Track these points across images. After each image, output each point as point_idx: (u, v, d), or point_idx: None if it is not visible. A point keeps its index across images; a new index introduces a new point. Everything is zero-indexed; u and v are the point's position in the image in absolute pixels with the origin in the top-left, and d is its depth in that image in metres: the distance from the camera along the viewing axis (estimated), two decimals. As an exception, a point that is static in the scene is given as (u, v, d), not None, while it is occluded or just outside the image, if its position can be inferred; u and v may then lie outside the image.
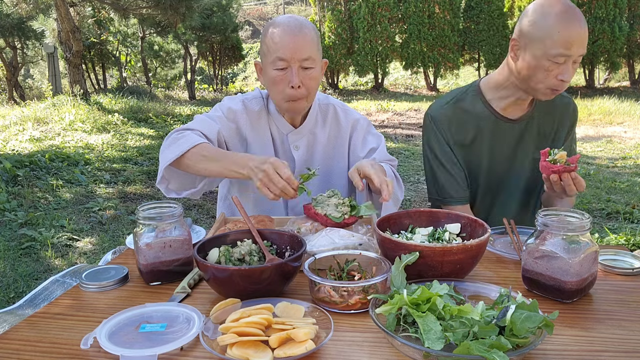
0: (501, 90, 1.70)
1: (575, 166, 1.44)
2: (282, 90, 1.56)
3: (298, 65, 1.53)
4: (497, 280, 1.26)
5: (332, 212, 1.41)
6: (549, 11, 1.50)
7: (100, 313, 1.12)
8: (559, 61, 1.50)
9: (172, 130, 1.70)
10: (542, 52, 1.50)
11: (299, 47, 1.52)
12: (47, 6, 11.86)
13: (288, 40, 1.52)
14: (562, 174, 1.44)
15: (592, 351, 0.95)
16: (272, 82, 1.57)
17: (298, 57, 1.52)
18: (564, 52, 1.48)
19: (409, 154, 7.31)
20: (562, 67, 1.52)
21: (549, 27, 1.49)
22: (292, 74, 1.53)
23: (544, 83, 1.55)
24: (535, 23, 1.52)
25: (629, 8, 14.21)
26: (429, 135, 1.79)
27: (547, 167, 1.45)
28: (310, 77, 1.57)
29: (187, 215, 4.60)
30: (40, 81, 18.38)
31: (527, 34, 1.54)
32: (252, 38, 25.56)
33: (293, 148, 1.74)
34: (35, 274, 3.43)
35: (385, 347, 0.97)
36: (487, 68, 15.64)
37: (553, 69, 1.52)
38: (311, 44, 1.56)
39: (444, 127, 1.75)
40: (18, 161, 5.93)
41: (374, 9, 14.80)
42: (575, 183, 1.45)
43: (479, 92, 1.75)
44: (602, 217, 4.53)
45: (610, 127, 9.52)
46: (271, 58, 1.54)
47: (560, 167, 1.43)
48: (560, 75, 1.52)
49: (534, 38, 1.52)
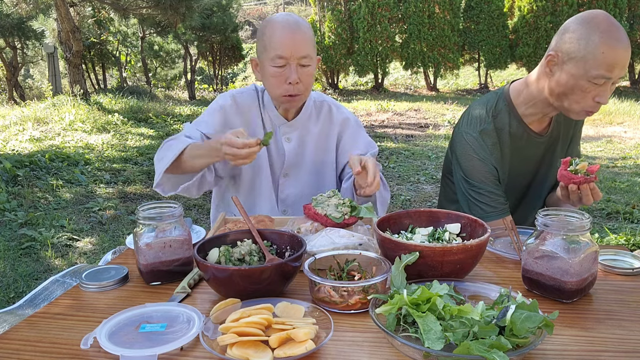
0: (532, 106, 1.65)
1: (595, 177, 1.41)
2: (280, 87, 1.62)
3: (296, 63, 1.59)
4: (497, 280, 1.27)
5: (333, 212, 1.42)
6: (594, 29, 1.42)
7: (100, 313, 1.12)
8: (598, 82, 1.44)
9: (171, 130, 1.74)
10: (583, 71, 1.44)
11: (297, 46, 1.57)
12: (47, 6, 11.86)
13: (287, 38, 1.57)
14: (581, 185, 1.41)
15: (592, 351, 0.95)
16: (270, 78, 1.62)
17: (297, 55, 1.58)
18: (606, 74, 1.42)
19: (409, 154, 7.30)
20: (601, 89, 1.45)
21: (593, 47, 1.41)
22: (290, 71, 1.58)
23: (580, 104, 1.50)
24: (577, 40, 1.44)
25: (629, 8, 14.20)
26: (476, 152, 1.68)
27: (568, 177, 1.41)
28: (307, 74, 1.63)
29: (187, 215, 4.60)
30: (40, 81, 18.37)
31: (567, 51, 1.47)
32: (252, 38, 25.55)
33: (284, 140, 1.78)
34: (35, 274, 3.43)
35: (385, 347, 0.97)
36: (487, 68, 15.63)
37: (591, 90, 1.46)
38: (308, 42, 1.61)
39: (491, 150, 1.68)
40: (18, 161, 5.93)
41: (374, 9, 14.79)
42: (592, 194, 1.43)
43: (511, 107, 1.69)
44: (602, 217, 4.53)
45: (610, 127, 9.52)
46: (270, 55, 1.59)
47: (582, 178, 1.40)
48: (597, 97, 1.47)
49: (575, 56, 1.45)
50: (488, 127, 1.68)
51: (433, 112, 11.48)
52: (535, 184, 1.81)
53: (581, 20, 1.46)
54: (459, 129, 1.74)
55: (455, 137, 1.77)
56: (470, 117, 1.73)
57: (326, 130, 1.84)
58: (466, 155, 1.70)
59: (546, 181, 1.81)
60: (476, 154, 1.68)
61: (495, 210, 1.67)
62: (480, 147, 1.67)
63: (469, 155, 1.69)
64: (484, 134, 1.68)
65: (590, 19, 1.44)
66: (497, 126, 1.68)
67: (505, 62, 15.27)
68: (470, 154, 1.69)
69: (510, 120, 1.69)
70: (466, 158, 1.70)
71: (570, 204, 1.57)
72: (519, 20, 14.62)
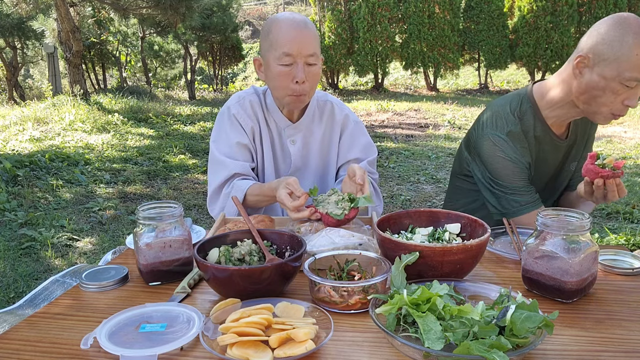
0: (557, 109, 1.63)
1: (622, 172, 1.39)
2: (286, 86, 1.60)
3: (303, 62, 1.57)
4: (497, 280, 1.27)
5: (334, 209, 1.42)
6: (627, 31, 1.40)
7: (100, 313, 1.12)
8: (630, 85, 1.42)
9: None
10: (616, 73, 1.42)
11: (305, 43, 1.55)
12: (47, 6, 11.86)
13: (294, 36, 1.55)
14: (608, 180, 1.39)
15: (592, 351, 0.95)
16: (276, 77, 1.59)
17: (304, 52, 1.56)
18: (639, 76, 1.41)
19: (409, 154, 7.30)
20: (631, 92, 1.44)
21: (627, 48, 1.40)
22: (297, 70, 1.56)
23: (609, 107, 1.48)
24: (610, 42, 1.42)
25: (629, 8, 14.20)
26: (506, 152, 1.65)
27: (595, 171, 1.39)
28: (313, 73, 1.61)
29: (187, 215, 4.60)
30: (40, 81, 18.37)
31: (599, 52, 1.45)
32: (252, 38, 25.55)
33: (289, 142, 1.78)
34: (35, 274, 3.43)
35: (385, 347, 0.97)
36: (487, 68, 15.64)
37: (622, 93, 1.45)
38: (315, 40, 1.59)
39: (517, 143, 1.66)
40: (18, 161, 5.93)
41: (374, 9, 14.79)
42: (618, 189, 1.41)
43: (536, 109, 1.66)
44: (602, 217, 4.52)
45: (610, 127, 9.52)
46: (277, 53, 1.56)
47: (609, 172, 1.37)
48: (627, 101, 1.45)
49: (608, 57, 1.43)
50: (515, 129, 1.65)
51: (433, 112, 11.48)
52: (548, 187, 1.81)
53: (613, 22, 1.45)
54: (483, 131, 1.70)
55: (479, 139, 1.71)
56: (494, 118, 1.70)
57: (329, 130, 1.83)
58: (494, 157, 1.67)
59: (557, 184, 1.80)
60: (507, 156, 1.65)
61: (529, 202, 1.64)
62: (510, 148, 1.65)
63: (497, 157, 1.66)
64: (511, 136, 1.65)
65: (623, 20, 1.43)
66: (523, 128, 1.66)
67: (505, 62, 15.28)
68: (499, 156, 1.66)
69: (535, 122, 1.66)
70: (495, 160, 1.67)
71: (593, 201, 1.55)
72: (519, 20, 14.62)
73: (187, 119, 10.52)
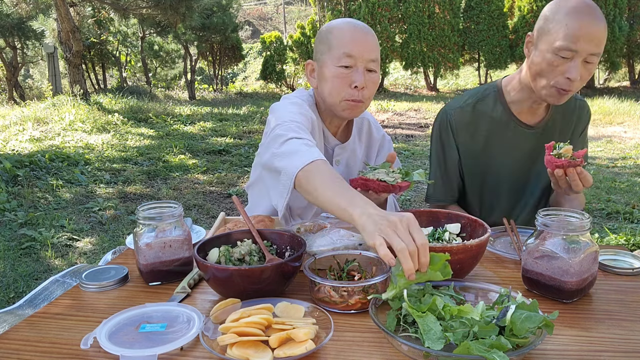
0: (519, 92, 1.65)
1: (581, 161, 1.38)
2: (343, 89, 1.48)
3: (364, 66, 1.47)
4: (497, 280, 1.26)
5: (384, 177, 1.35)
6: (563, 5, 1.45)
7: (100, 313, 1.12)
8: (564, 55, 1.43)
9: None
10: (549, 45, 1.45)
11: (367, 47, 1.47)
12: (47, 6, 11.87)
13: (357, 37, 1.46)
14: (568, 169, 1.38)
15: (592, 351, 0.95)
16: (333, 79, 1.48)
17: (366, 56, 1.46)
18: (570, 45, 1.41)
19: (408, 154, 7.30)
20: (569, 64, 1.44)
21: (559, 21, 1.43)
22: (357, 74, 1.46)
23: (549, 79, 1.49)
24: (547, 17, 1.48)
25: (629, 8, 14.21)
26: (440, 132, 1.76)
27: (552, 161, 1.39)
28: (373, 81, 1.51)
29: (187, 215, 4.60)
30: (40, 81, 18.38)
31: (539, 29, 1.51)
32: (252, 38, 25.57)
33: (335, 163, 1.68)
34: (35, 274, 3.43)
35: (385, 347, 0.97)
36: (487, 68, 15.65)
37: (559, 64, 1.45)
38: (377, 47, 1.51)
39: (458, 130, 1.71)
40: (18, 161, 5.93)
41: (374, 9, 14.80)
42: (581, 178, 1.39)
43: (500, 94, 1.70)
44: (602, 217, 4.53)
45: (610, 127, 9.52)
46: (337, 54, 1.46)
47: (565, 161, 1.37)
48: (566, 73, 1.45)
49: (544, 32, 1.48)
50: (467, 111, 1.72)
51: (433, 112, 11.48)
52: (530, 183, 1.79)
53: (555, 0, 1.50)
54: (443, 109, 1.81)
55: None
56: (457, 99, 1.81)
57: (367, 149, 1.77)
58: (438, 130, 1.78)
59: (542, 180, 1.79)
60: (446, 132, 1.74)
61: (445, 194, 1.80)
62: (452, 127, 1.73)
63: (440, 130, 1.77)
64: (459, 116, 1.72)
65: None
66: (479, 108, 1.71)
67: (505, 62, 15.28)
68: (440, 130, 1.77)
69: (495, 105, 1.70)
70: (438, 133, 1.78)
71: (565, 193, 1.54)
72: (519, 20, 14.63)
73: (187, 119, 10.53)
